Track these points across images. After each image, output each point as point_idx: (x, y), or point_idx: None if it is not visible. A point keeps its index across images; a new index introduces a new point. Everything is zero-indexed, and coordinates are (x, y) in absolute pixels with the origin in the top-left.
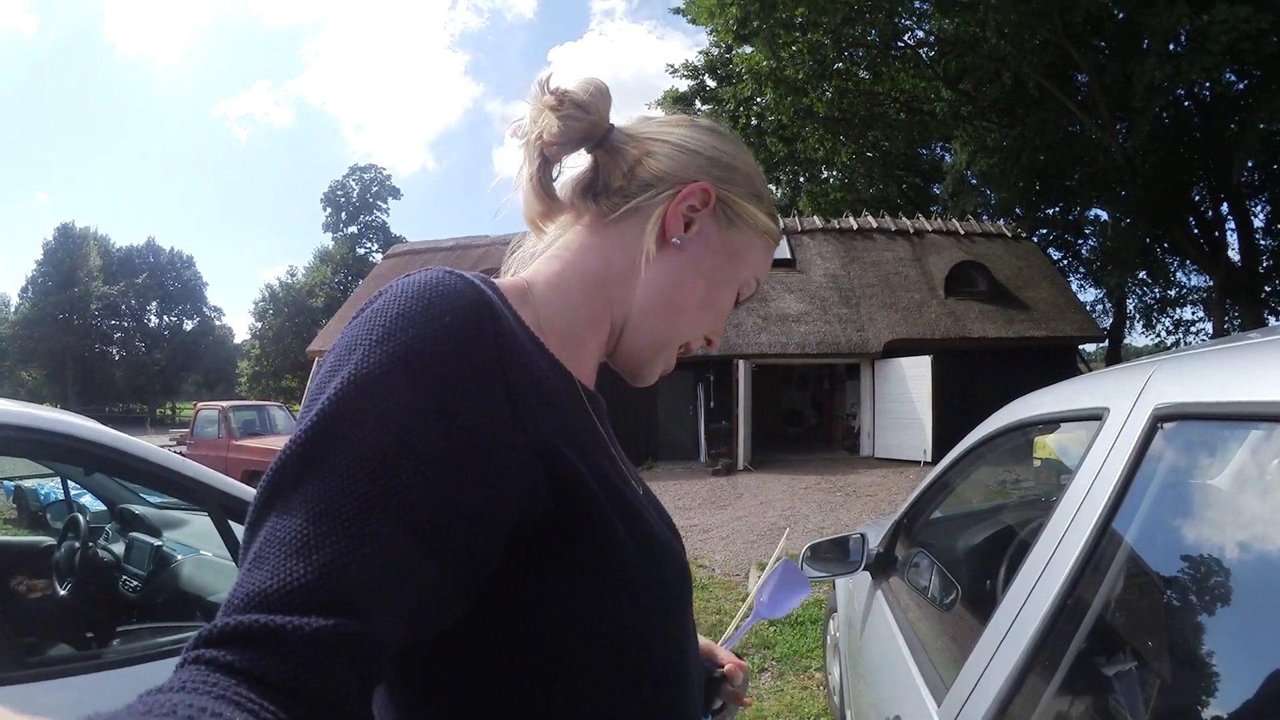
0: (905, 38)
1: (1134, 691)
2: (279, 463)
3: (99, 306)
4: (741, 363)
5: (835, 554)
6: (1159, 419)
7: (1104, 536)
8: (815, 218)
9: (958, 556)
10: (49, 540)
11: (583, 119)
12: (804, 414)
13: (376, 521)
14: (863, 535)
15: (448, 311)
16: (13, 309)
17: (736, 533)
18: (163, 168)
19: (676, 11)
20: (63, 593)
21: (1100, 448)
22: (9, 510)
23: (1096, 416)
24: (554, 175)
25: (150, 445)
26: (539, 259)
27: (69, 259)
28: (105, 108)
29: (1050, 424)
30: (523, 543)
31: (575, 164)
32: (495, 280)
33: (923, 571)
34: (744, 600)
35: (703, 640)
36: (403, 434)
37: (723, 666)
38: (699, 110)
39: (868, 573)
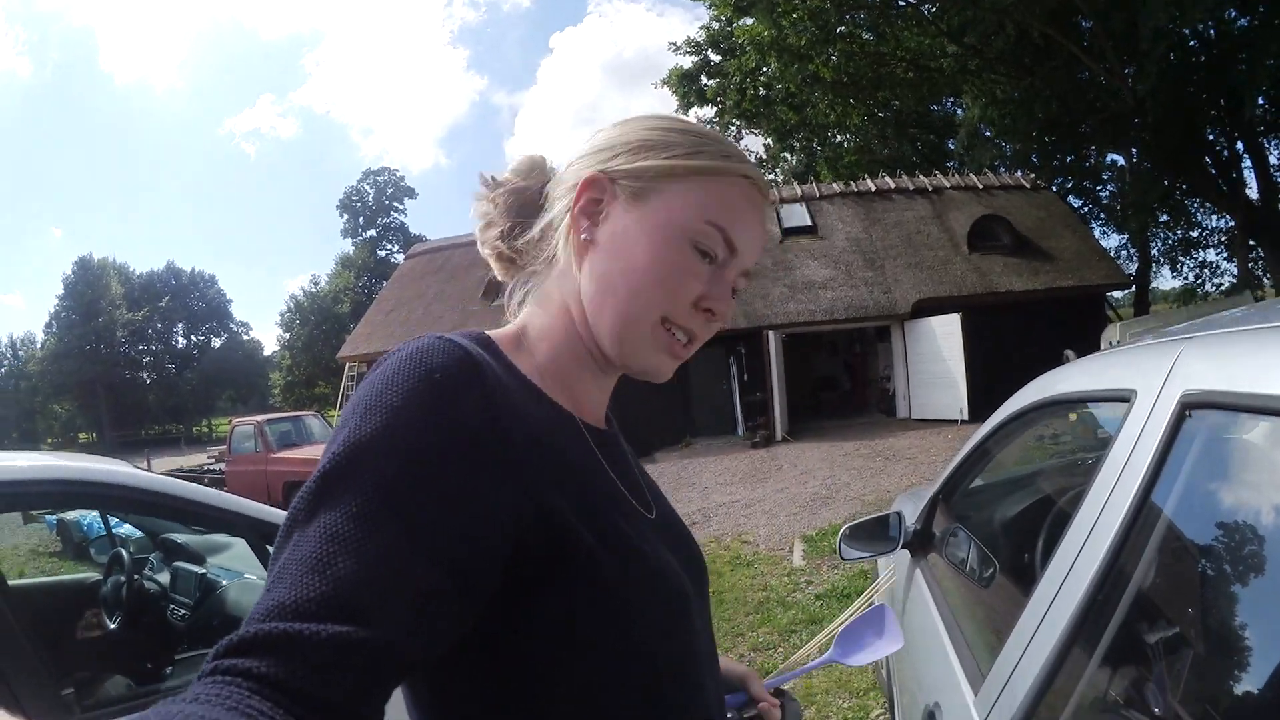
0: None
1: (1164, 697)
2: (294, 505)
3: (125, 334)
4: (771, 333)
5: (873, 534)
6: (1187, 406)
7: (1132, 528)
8: (834, 183)
9: (994, 529)
10: (95, 575)
11: (516, 197)
12: (838, 380)
13: (381, 543)
14: (899, 514)
15: (437, 369)
16: (39, 345)
17: (779, 505)
18: (175, 191)
19: None
20: (113, 626)
21: (1128, 433)
22: (54, 544)
23: (1124, 398)
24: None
25: (178, 482)
26: (526, 305)
27: (90, 290)
28: (110, 138)
29: (1078, 403)
30: (521, 571)
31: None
32: (490, 333)
33: (960, 547)
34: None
35: (737, 667)
36: (394, 470)
37: (756, 703)
38: (705, 85)
39: (906, 550)
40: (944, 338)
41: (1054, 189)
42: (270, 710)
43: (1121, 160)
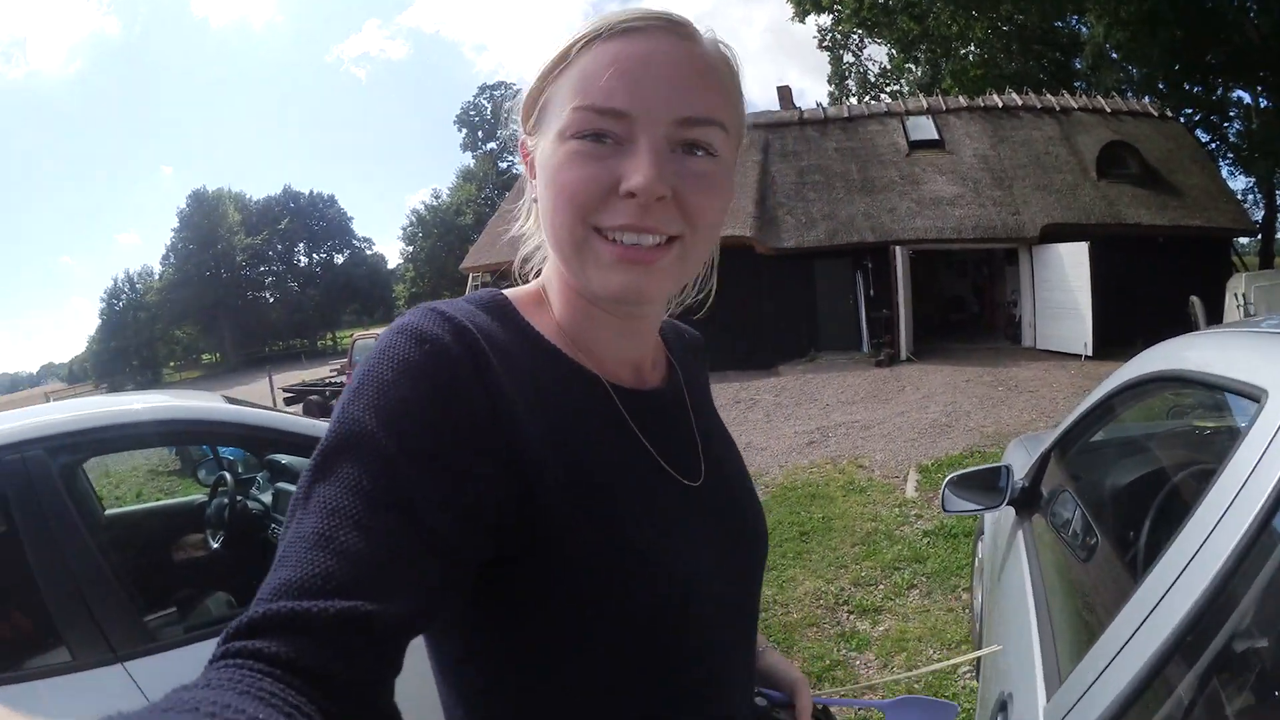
0: None
1: None
2: (298, 485)
3: (245, 257)
4: (898, 249)
5: (980, 485)
6: None
7: (1252, 548)
8: (959, 96)
9: (1103, 497)
10: (202, 497)
11: None
12: (965, 301)
13: (381, 517)
14: (1008, 467)
15: (428, 341)
16: (157, 277)
17: (898, 430)
18: (287, 121)
19: None
20: (216, 546)
21: (1258, 437)
22: (173, 463)
23: (1255, 397)
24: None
25: (266, 414)
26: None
27: (206, 220)
28: (213, 77)
29: (1203, 386)
30: (507, 543)
31: None
32: (510, 291)
33: (1065, 510)
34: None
35: (792, 673)
36: (390, 443)
37: (790, 705)
38: None
39: (1011, 508)
40: (1071, 266)
41: (1181, 120)
42: (282, 691)
43: (1249, 98)
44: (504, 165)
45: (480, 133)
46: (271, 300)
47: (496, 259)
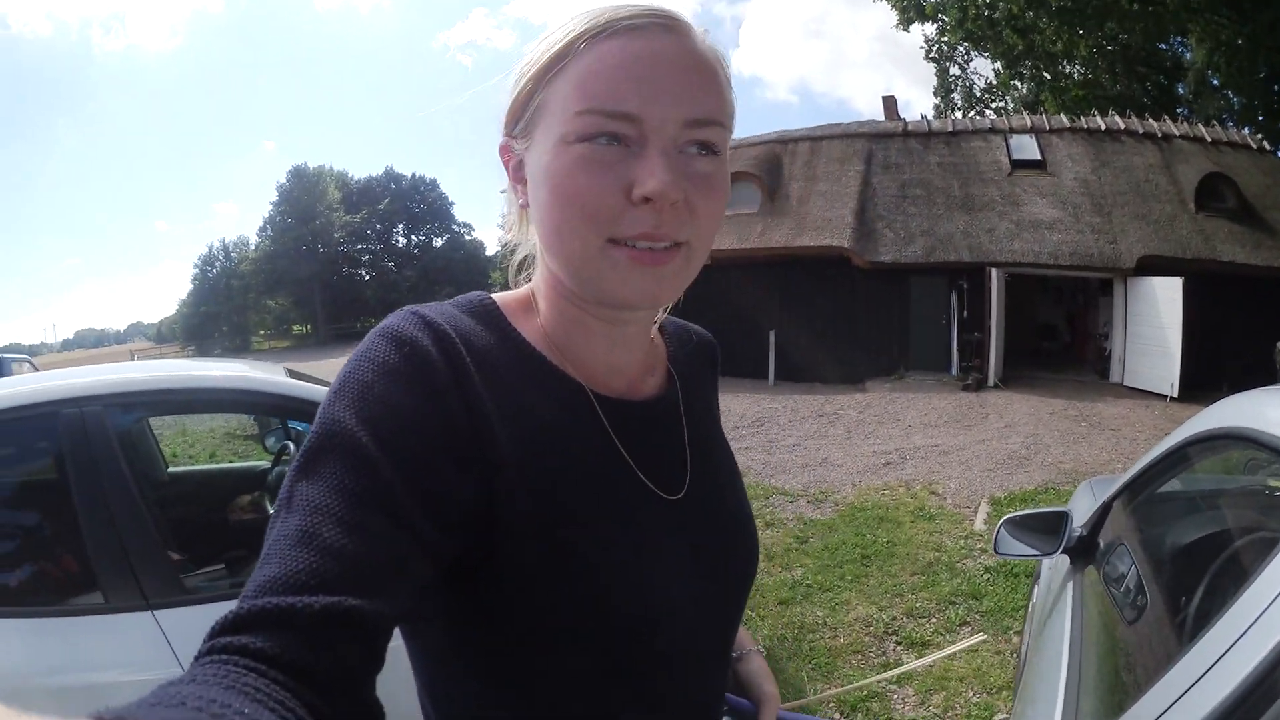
0: None
1: None
2: (282, 487)
3: (343, 234)
4: (994, 270)
5: (1037, 529)
6: None
7: None
8: (1062, 116)
9: (1159, 554)
10: (266, 464)
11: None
12: (1058, 329)
13: (362, 514)
14: (1068, 513)
15: (407, 344)
16: (253, 247)
17: (975, 458)
18: (390, 104)
19: None
20: (271, 511)
21: None
22: (251, 427)
23: None
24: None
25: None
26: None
27: (306, 196)
28: (317, 56)
29: (1271, 450)
30: (474, 549)
31: None
32: (499, 295)
33: (1118, 565)
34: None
35: (766, 688)
36: (371, 445)
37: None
38: (925, 1)
39: (1066, 555)
40: (1164, 302)
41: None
42: (267, 686)
43: None
44: None
45: None
46: (367, 278)
47: None
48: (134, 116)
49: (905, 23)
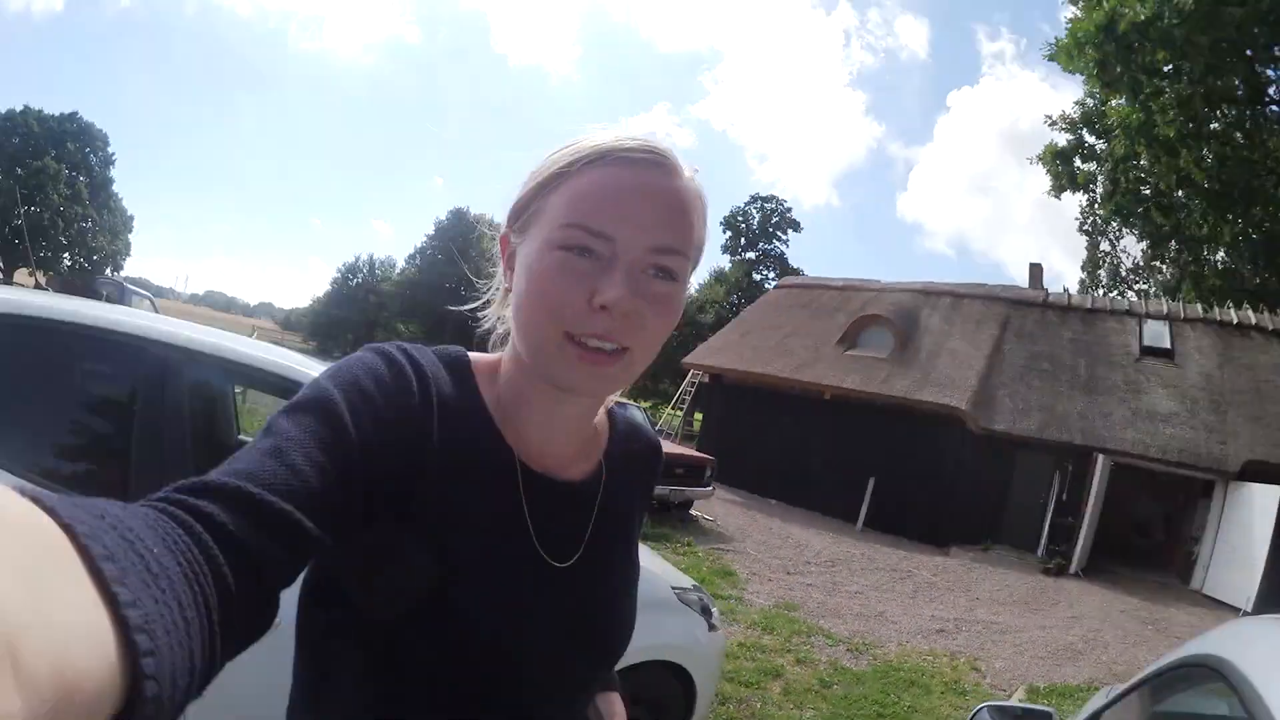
0: (1271, 91)
1: None
2: (267, 420)
3: (486, 285)
4: (1101, 457)
5: None
6: None
7: None
8: (1198, 305)
9: None
10: None
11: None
12: (1153, 528)
13: (325, 457)
14: (1051, 714)
15: (391, 358)
16: (398, 270)
17: (1030, 643)
18: None
19: (1049, 58)
20: None
21: None
22: None
23: None
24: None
25: None
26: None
27: (462, 239)
28: (498, 109)
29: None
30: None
31: None
32: (473, 355)
33: None
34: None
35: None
36: (346, 414)
37: None
38: (1078, 168)
39: None
40: (1260, 511)
41: None
42: (188, 546)
43: None
44: (758, 278)
45: (744, 240)
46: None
47: (719, 363)
48: (314, 115)
49: (1058, 189)
